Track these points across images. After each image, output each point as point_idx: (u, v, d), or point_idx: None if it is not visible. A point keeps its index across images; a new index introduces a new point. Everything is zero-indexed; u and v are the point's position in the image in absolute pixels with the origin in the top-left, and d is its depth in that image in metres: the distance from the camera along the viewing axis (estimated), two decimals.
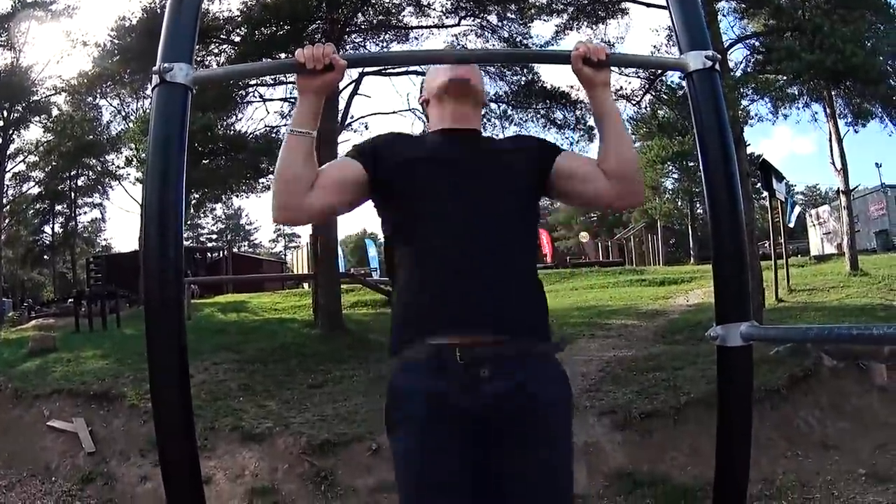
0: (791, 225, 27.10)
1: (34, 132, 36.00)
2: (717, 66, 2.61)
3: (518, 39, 21.20)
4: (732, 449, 2.48)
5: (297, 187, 2.64)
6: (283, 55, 16.88)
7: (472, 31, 21.44)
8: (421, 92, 3.28)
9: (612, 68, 2.84)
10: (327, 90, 2.70)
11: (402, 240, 2.83)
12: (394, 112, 24.21)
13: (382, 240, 3.20)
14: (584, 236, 61.75)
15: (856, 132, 24.55)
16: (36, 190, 41.66)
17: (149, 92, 23.70)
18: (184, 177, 2.33)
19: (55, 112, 34.46)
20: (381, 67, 21.41)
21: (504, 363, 2.64)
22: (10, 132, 34.19)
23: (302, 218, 2.78)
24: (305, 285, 33.27)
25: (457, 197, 2.73)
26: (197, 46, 2.59)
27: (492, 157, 2.94)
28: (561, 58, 2.88)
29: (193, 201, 22.09)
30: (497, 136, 23.41)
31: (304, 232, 59.91)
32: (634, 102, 23.70)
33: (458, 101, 3.00)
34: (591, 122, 21.92)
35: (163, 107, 2.35)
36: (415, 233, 2.77)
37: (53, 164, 38.56)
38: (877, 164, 79.51)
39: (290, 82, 21.35)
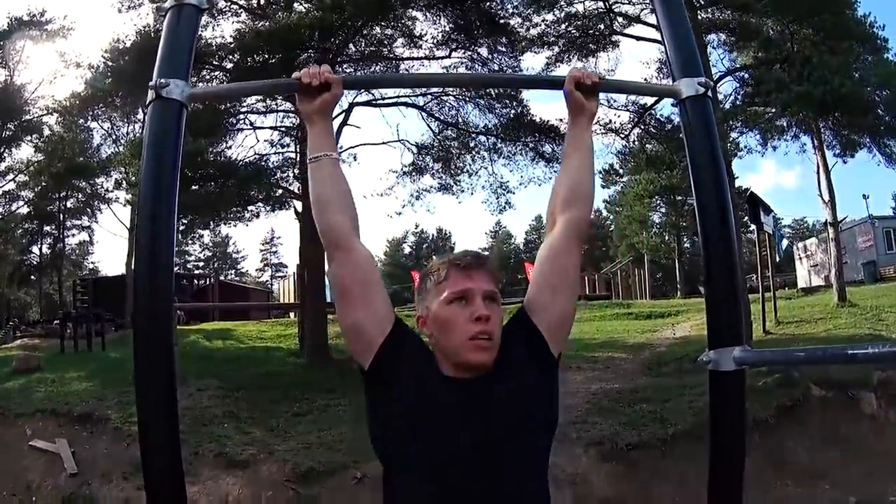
0: (780, 257, 27.17)
1: (25, 151, 35.92)
2: (709, 93, 2.59)
3: (508, 72, 21.24)
4: (726, 474, 2.46)
5: (332, 203, 2.54)
6: (275, 79, 16.97)
7: (462, 62, 21.49)
8: (419, 297, 2.78)
9: (602, 102, 2.81)
10: (328, 110, 2.63)
11: (404, 485, 2.55)
12: (383, 143, 24.22)
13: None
14: None
15: (844, 163, 24.68)
16: (25, 209, 41.54)
17: (142, 115, 23.77)
18: (177, 192, 2.29)
19: (46, 132, 34.44)
20: (370, 97, 21.46)
21: None
22: (1, 150, 34.13)
23: (343, 236, 2.52)
24: (292, 314, 33.22)
25: (464, 442, 2.44)
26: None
27: (501, 395, 2.53)
28: (553, 83, 2.85)
29: (182, 227, 22.04)
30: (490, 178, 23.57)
31: (292, 262, 59.81)
32: (623, 136, 23.79)
33: (472, 370, 2.57)
34: None
35: (158, 122, 2.33)
36: (417, 473, 2.49)
37: (43, 184, 38.41)
38: (864, 195, 79.55)
39: (282, 110, 21.41)
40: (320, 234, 2.54)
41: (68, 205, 43.15)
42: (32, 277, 50.56)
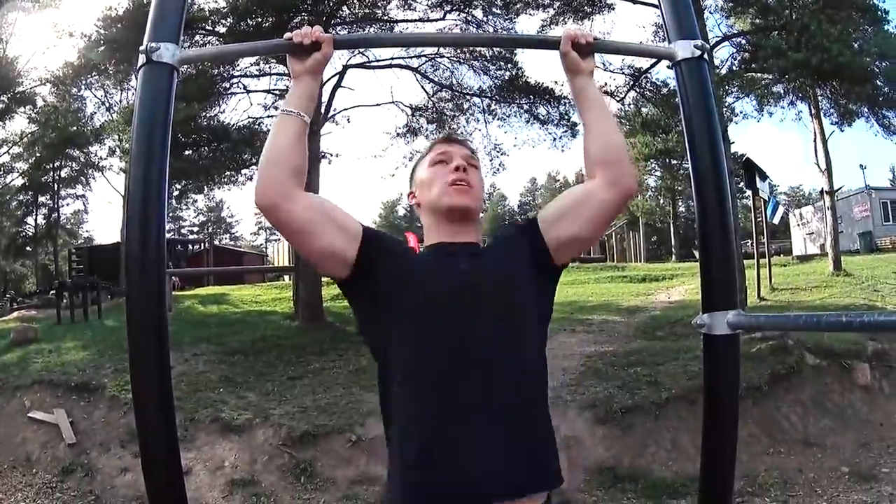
0: (776, 223, 27.14)
1: (19, 123, 35.77)
2: (705, 56, 2.55)
3: (503, 34, 21.19)
4: (719, 439, 2.44)
5: (279, 163, 2.46)
6: (265, 40, 16.87)
7: (457, 24, 21.41)
8: (410, 179, 3.02)
9: (598, 65, 2.78)
10: (319, 69, 2.59)
11: (395, 373, 2.53)
12: (377, 105, 24.20)
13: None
14: None
15: (841, 131, 24.64)
16: (19, 181, 41.48)
17: (134, 81, 23.72)
18: (167, 156, 2.28)
19: (40, 103, 34.27)
20: (364, 59, 21.41)
21: None
22: None
23: (282, 202, 2.45)
24: (286, 278, 33.27)
25: (454, 327, 2.48)
26: (183, 36, 2.55)
27: (489, 269, 2.65)
28: (548, 43, 2.84)
29: (176, 192, 22.11)
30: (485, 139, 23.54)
31: None
32: (618, 100, 23.76)
33: (454, 222, 2.76)
34: (574, 117, 21.96)
35: (148, 87, 2.30)
36: (410, 363, 2.50)
37: (37, 155, 38.36)
38: (861, 165, 79.81)
39: (275, 73, 21.38)
40: (261, 186, 2.47)
41: (62, 174, 43.11)
42: (28, 249, 50.56)
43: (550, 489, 2.47)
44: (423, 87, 23.87)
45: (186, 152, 19.62)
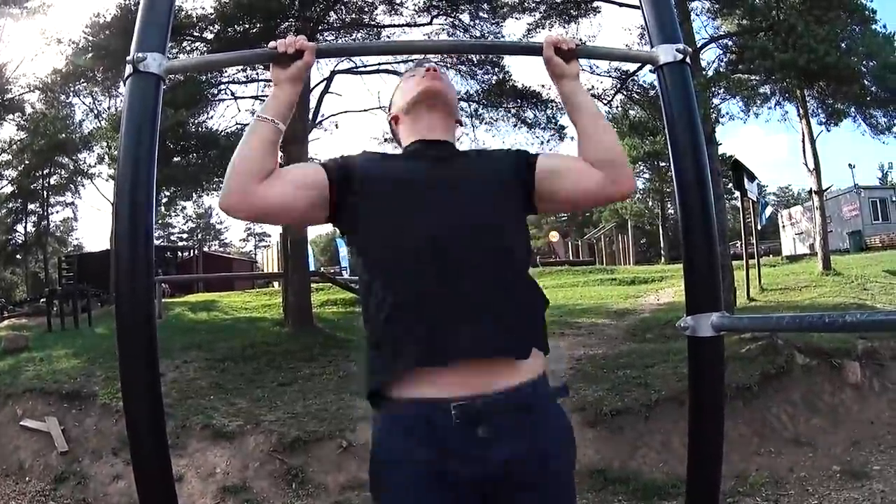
0: (763, 223, 27.23)
1: (7, 130, 35.70)
2: (687, 60, 2.59)
3: (489, 38, 21.25)
4: (705, 440, 2.48)
5: (247, 170, 2.48)
6: (249, 49, 16.81)
7: (444, 29, 21.47)
8: (389, 109, 3.14)
9: (584, 67, 2.81)
10: (300, 77, 2.61)
11: (371, 265, 2.57)
12: (364, 110, 24.31)
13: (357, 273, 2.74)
14: (555, 236, 61.68)
15: (828, 131, 24.62)
16: (9, 189, 41.38)
17: (122, 88, 23.82)
18: (155, 165, 2.30)
19: (29, 110, 34.20)
20: (351, 65, 21.46)
21: (508, 417, 2.41)
22: None
23: (247, 208, 2.51)
24: (276, 284, 33.24)
25: (431, 210, 2.52)
26: (170, 43, 2.57)
27: (467, 167, 2.75)
28: (532, 49, 2.82)
29: (165, 199, 22.12)
30: (472, 143, 23.57)
31: (275, 231, 59.85)
32: (606, 102, 23.79)
33: (430, 111, 2.85)
34: (562, 121, 22.05)
35: (135, 97, 2.33)
36: (384, 254, 2.53)
37: (26, 162, 38.28)
38: (850, 165, 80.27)
39: (263, 80, 21.42)
40: (226, 194, 2.52)
41: (52, 182, 43.00)
42: (18, 257, 50.33)
43: (520, 356, 2.47)
44: None
45: (175, 159, 19.63)
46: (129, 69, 2.35)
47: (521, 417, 2.43)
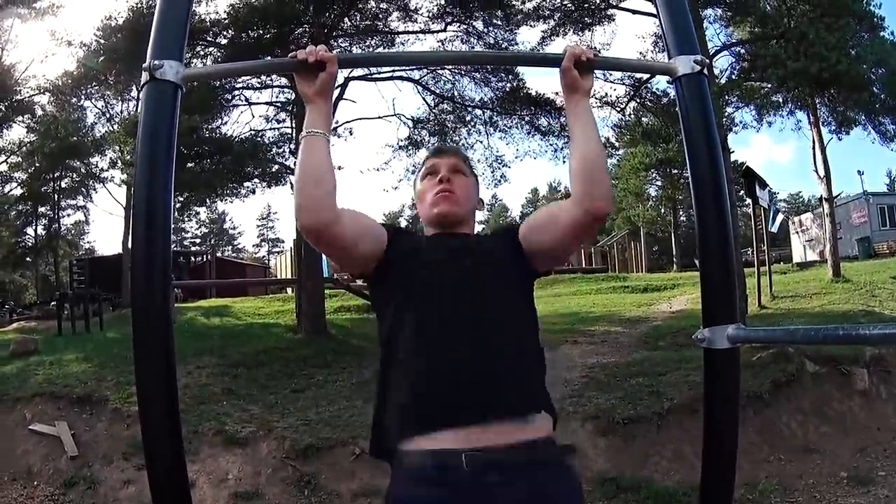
0: (774, 230, 27.16)
1: (17, 132, 35.68)
2: (705, 71, 2.58)
3: (504, 45, 21.23)
4: (719, 452, 2.47)
5: (321, 184, 2.51)
6: (269, 58, 16.76)
7: (457, 36, 21.47)
8: (413, 188, 3.32)
9: (597, 75, 2.82)
10: (327, 90, 2.63)
11: (400, 338, 2.68)
12: (379, 117, 24.20)
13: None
14: None
15: (839, 139, 24.64)
16: (19, 191, 41.38)
17: (136, 92, 23.72)
18: (172, 174, 2.30)
19: (39, 112, 34.19)
20: (366, 72, 21.44)
21: (518, 468, 2.46)
22: None
23: (330, 223, 2.55)
24: (289, 290, 33.22)
25: (453, 290, 2.70)
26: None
27: (479, 252, 2.89)
28: (550, 60, 2.83)
29: (178, 204, 22.05)
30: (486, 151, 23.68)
31: (288, 237, 59.77)
32: (619, 109, 23.78)
33: (445, 228, 3.04)
34: None
35: (152, 104, 2.33)
36: (411, 325, 2.66)
37: (37, 165, 38.26)
38: (859, 171, 79.75)
39: (277, 86, 21.40)
40: (306, 210, 2.52)
41: (62, 185, 42.96)
42: (28, 259, 50.38)
43: (530, 415, 2.57)
44: (424, 99, 23.82)
45: (189, 164, 19.61)
46: (145, 76, 2.33)
47: (529, 468, 2.48)
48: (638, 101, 23.65)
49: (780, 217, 29.50)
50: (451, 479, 2.41)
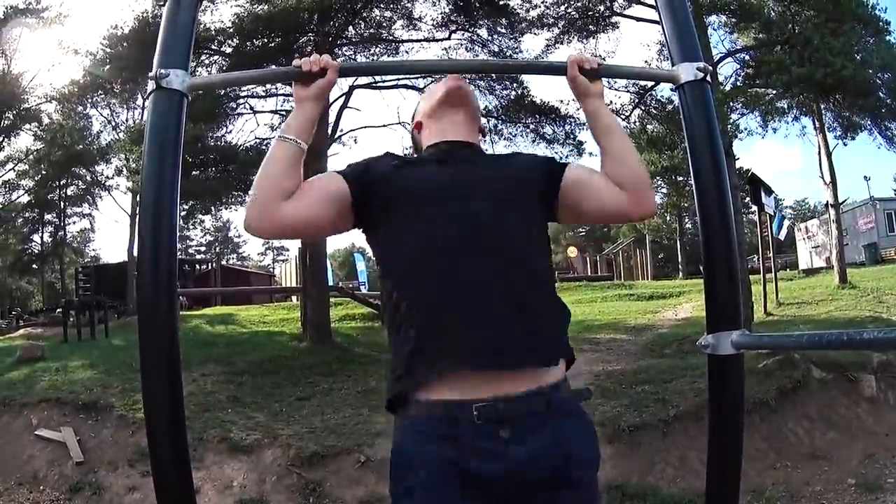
0: (781, 237, 27.14)
1: (24, 140, 35.76)
2: (708, 78, 2.60)
3: (508, 53, 21.22)
4: (724, 459, 2.47)
5: (270, 194, 2.47)
6: (272, 67, 16.77)
7: (462, 45, 21.47)
8: (412, 118, 3.14)
9: (602, 83, 2.78)
10: (322, 95, 2.62)
11: (397, 267, 2.57)
12: (384, 125, 24.23)
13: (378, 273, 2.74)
14: (573, 251, 61.60)
15: (845, 145, 24.67)
16: (25, 198, 41.40)
17: (141, 101, 23.74)
18: (178, 181, 2.31)
19: (46, 120, 34.30)
20: (371, 80, 21.44)
21: (531, 419, 2.39)
22: (1, 140, 34.04)
23: (271, 228, 2.54)
24: (294, 298, 33.21)
25: (456, 218, 2.48)
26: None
27: (492, 170, 2.71)
28: (555, 69, 2.84)
29: (183, 212, 22.04)
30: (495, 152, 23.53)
31: (294, 245, 59.72)
32: (624, 117, 23.74)
33: (455, 110, 2.86)
34: (580, 136, 21.97)
35: (158, 113, 2.35)
36: (409, 254, 2.51)
37: (43, 172, 38.27)
38: (865, 177, 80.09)
39: (282, 94, 21.43)
40: (250, 217, 2.50)
41: (69, 192, 42.95)
42: (34, 266, 50.30)
43: (546, 364, 2.47)
44: None
45: (194, 172, 19.62)
46: (151, 85, 2.35)
47: (542, 418, 2.41)
48: (643, 108, 23.63)
49: (786, 223, 29.46)
50: (460, 433, 2.35)
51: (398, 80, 22.29)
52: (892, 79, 20.73)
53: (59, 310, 26.58)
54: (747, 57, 22.04)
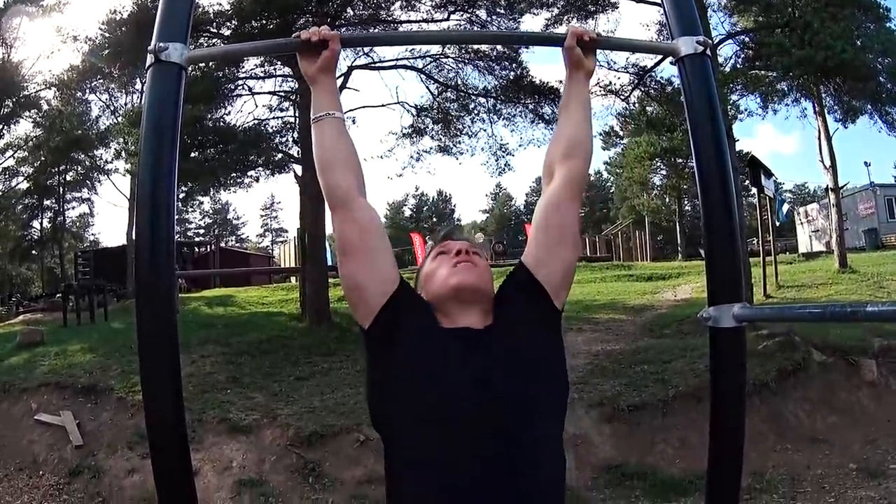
0: (783, 221, 27.16)
1: (24, 127, 35.74)
2: (708, 52, 2.57)
3: (509, 32, 21.18)
4: (726, 433, 2.45)
5: (333, 166, 2.50)
6: (273, 39, 16.73)
7: (460, 25, 21.40)
8: (417, 277, 2.86)
9: (602, 63, 2.77)
10: (330, 66, 2.59)
11: (402, 422, 2.44)
12: (382, 105, 24.14)
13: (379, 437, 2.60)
14: None
15: (845, 128, 24.63)
16: (25, 185, 41.38)
17: (140, 85, 23.72)
18: (177, 157, 2.27)
19: (45, 107, 34.27)
20: (369, 61, 21.40)
21: None
22: (1, 127, 34.04)
23: (346, 194, 2.49)
24: (293, 279, 33.20)
25: (465, 382, 2.35)
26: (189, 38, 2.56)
27: (500, 343, 2.48)
28: (552, 40, 2.85)
29: (182, 194, 22.03)
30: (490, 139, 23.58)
31: (292, 226, 59.73)
32: (623, 98, 23.69)
33: (464, 307, 2.58)
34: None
35: (157, 86, 2.32)
36: (417, 416, 2.39)
37: (42, 158, 38.24)
38: (866, 162, 79.79)
39: (279, 75, 21.37)
40: (324, 194, 2.52)
41: (68, 178, 42.96)
42: (34, 252, 50.30)
43: None
44: (427, 87, 23.75)
45: (192, 154, 19.61)
46: (150, 59, 2.32)
47: None
48: (642, 89, 23.57)
49: (786, 207, 29.46)
50: None
51: (396, 59, 22.29)
52: (893, 64, 20.74)
53: (58, 295, 26.56)
54: (747, 39, 22.03)
